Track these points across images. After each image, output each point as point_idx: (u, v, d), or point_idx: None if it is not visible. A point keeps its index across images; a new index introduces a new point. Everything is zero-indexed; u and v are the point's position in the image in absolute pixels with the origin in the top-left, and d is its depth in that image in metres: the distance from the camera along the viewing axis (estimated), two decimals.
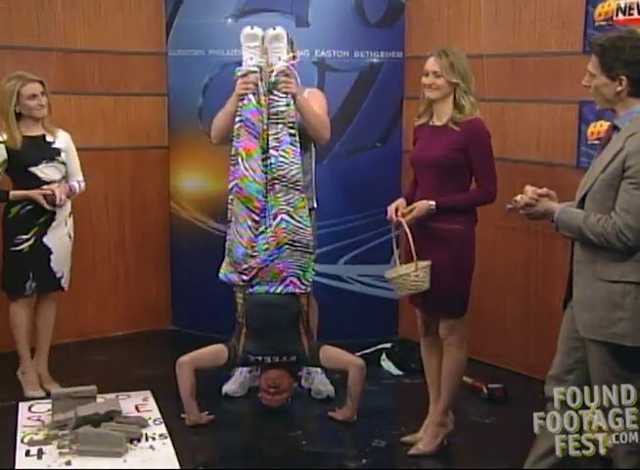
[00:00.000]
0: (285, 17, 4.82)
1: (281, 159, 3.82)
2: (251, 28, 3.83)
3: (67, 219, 4.25)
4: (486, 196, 3.46)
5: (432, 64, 3.43)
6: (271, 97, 3.84)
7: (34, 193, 4.07)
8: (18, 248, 4.12)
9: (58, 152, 4.18)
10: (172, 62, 5.19)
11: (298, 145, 3.86)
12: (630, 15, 3.87)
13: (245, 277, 3.89)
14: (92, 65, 5.04)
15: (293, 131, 3.84)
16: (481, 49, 4.54)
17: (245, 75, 3.83)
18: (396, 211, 3.48)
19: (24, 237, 4.12)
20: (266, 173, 3.85)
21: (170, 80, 5.22)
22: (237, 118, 3.85)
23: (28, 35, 4.81)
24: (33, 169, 4.10)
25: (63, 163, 4.19)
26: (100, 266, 5.22)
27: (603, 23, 3.97)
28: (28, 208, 4.11)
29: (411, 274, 3.40)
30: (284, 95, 3.82)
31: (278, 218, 3.84)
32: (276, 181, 3.84)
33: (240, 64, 4.09)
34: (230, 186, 3.90)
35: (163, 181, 5.35)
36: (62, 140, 4.23)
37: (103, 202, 5.21)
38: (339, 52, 4.88)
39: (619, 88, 2.64)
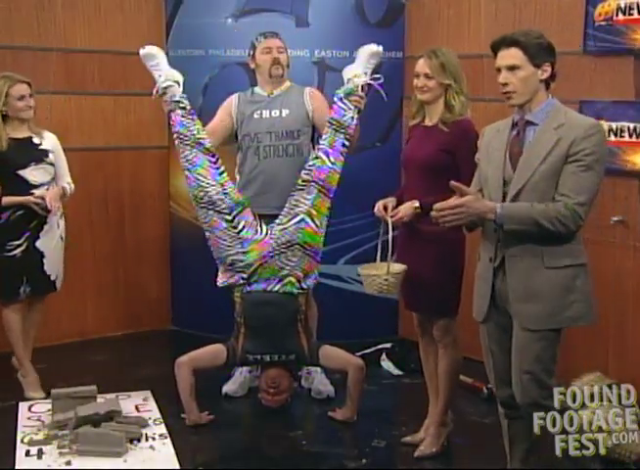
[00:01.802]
0: (285, 17, 4.83)
1: (328, 164, 3.85)
2: (144, 48, 3.90)
3: (58, 222, 4.22)
4: None
5: (422, 65, 3.41)
6: (340, 104, 3.86)
7: (28, 200, 4.03)
8: (10, 254, 4.08)
9: (46, 153, 4.13)
10: (172, 62, 5.14)
11: (345, 157, 3.89)
12: (630, 15, 3.86)
13: (244, 275, 3.89)
14: (92, 65, 5.04)
15: (347, 143, 3.88)
16: (481, 49, 4.52)
17: (164, 94, 3.86)
18: (385, 209, 3.49)
19: (16, 242, 4.08)
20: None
21: None
22: (174, 135, 3.89)
23: (28, 35, 4.81)
24: (22, 173, 4.06)
25: (51, 164, 4.15)
26: (100, 266, 5.23)
27: (603, 22, 3.97)
28: (19, 213, 4.06)
29: (381, 276, 3.42)
30: (353, 107, 3.85)
31: (297, 218, 3.85)
32: (313, 183, 3.84)
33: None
34: (190, 197, 3.92)
35: (163, 181, 5.35)
36: (49, 141, 4.18)
37: (103, 202, 5.21)
38: (339, 52, 4.88)
39: (545, 75, 2.77)
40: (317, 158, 3.86)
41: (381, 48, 3.91)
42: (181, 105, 3.86)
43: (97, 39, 5.03)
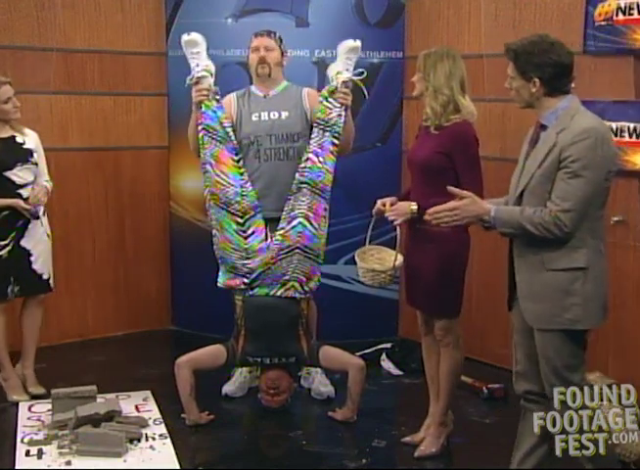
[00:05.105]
0: (285, 17, 4.83)
1: (318, 164, 3.82)
2: (188, 35, 3.87)
3: (41, 219, 4.18)
4: None
5: None
6: (325, 103, 3.84)
7: (18, 203, 4.01)
8: None
9: (30, 153, 4.11)
10: (172, 62, 5.18)
11: (336, 155, 3.87)
12: (630, 15, 3.86)
13: (246, 280, 3.87)
14: (92, 65, 5.04)
15: (336, 141, 3.85)
16: (481, 49, 4.54)
17: (197, 83, 3.83)
18: (384, 205, 3.53)
19: (2, 243, 4.05)
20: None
21: (170, 80, 5.22)
22: (199, 127, 3.85)
23: (28, 35, 4.81)
24: (8, 174, 4.03)
25: (35, 164, 4.12)
26: (100, 266, 5.23)
27: (603, 22, 3.97)
28: (5, 213, 4.03)
29: (386, 272, 3.50)
30: (339, 105, 3.83)
31: (295, 222, 3.82)
32: (305, 185, 3.82)
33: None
34: (205, 194, 3.90)
35: (163, 181, 5.35)
36: (31, 140, 4.15)
37: (103, 202, 5.21)
38: None
39: (534, 89, 2.78)
40: (307, 159, 3.84)
41: (359, 42, 3.86)
42: (217, 97, 3.84)
43: (97, 39, 5.03)
